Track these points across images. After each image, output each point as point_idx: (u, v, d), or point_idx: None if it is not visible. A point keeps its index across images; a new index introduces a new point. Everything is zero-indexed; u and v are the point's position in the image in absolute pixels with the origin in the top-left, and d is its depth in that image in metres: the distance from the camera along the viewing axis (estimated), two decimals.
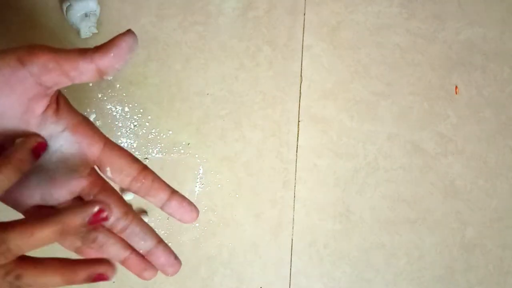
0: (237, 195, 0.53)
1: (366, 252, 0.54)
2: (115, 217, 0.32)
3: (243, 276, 0.52)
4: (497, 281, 0.55)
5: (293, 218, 0.53)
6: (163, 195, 0.32)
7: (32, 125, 0.29)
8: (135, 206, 0.51)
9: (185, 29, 0.54)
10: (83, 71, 0.27)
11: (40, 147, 0.29)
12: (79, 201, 0.32)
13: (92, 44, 0.53)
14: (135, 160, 0.32)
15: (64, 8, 0.52)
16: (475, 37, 0.58)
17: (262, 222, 0.53)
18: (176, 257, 0.33)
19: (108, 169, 0.31)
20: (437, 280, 0.54)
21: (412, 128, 0.56)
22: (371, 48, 0.57)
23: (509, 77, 0.58)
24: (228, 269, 0.52)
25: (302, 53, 0.56)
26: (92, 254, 0.32)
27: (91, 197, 0.31)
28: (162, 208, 0.32)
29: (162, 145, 0.53)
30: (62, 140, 0.30)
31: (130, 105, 0.53)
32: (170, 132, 0.53)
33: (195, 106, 0.54)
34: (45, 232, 0.26)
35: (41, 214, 0.28)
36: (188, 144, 0.53)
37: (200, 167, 0.53)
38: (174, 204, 0.32)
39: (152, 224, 0.51)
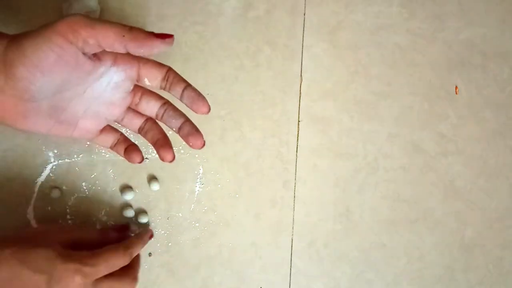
0: (237, 195, 0.53)
1: (366, 252, 0.54)
2: (156, 109, 0.42)
3: (243, 276, 0.52)
4: (497, 281, 0.55)
5: (293, 218, 0.53)
6: (179, 88, 0.40)
7: (85, 75, 0.36)
8: (134, 206, 0.51)
9: (185, 29, 0.54)
10: (117, 49, 0.33)
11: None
12: (129, 111, 0.42)
13: None
14: (160, 65, 0.39)
15: (64, 8, 0.52)
16: (475, 37, 0.58)
17: (262, 222, 0.53)
18: (197, 130, 0.42)
19: (146, 79, 0.39)
20: (437, 280, 0.54)
21: (412, 128, 0.56)
22: (371, 48, 0.57)
23: (509, 77, 0.58)
24: (228, 269, 0.52)
25: (302, 53, 0.56)
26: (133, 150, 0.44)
27: (138, 101, 0.41)
28: (180, 98, 0.40)
29: None
30: (111, 73, 0.38)
31: None
32: (170, 132, 0.53)
33: None
34: (121, 261, 0.41)
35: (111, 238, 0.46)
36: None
37: (200, 167, 0.53)
38: (187, 95, 0.40)
39: (152, 224, 0.51)
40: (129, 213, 0.50)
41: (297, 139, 0.55)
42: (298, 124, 0.55)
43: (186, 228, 0.52)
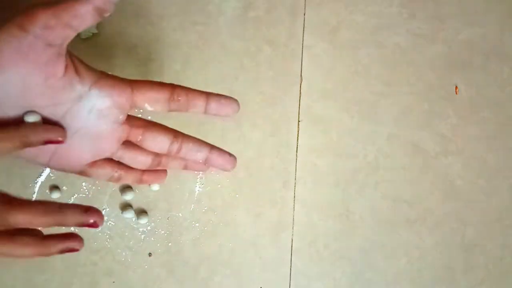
0: (237, 195, 0.53)
1: (366, 252, 0.54)
2: (167, 143, 0.35)
3: (243, 276, 0.52)
4: (497, 281, 0.55)
5: (293, 218, 0.53)
6: (200, 102, 0.35)
7: (58, 89, 0.30)
8: (134, 206, 0.51)
9: (185, 29, 0.54)
10: (83, 15, 0.27)
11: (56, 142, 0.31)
12: (130, 146, 0.35)
13: (92, 44, 0.53)
14: (163, 84, 0.34)
15: None
16: (475, 37, 0.58)
17: (262, 222, 0.53)
18: (230, 154, 0.37)
19: (146, 105, 0.33)
20: (437, 280, 0.54)
21: (412, 128, 0.56)
22: (371, 48, 0.57)
23: (509, 77, 0.58)
24: (228, 269, 0.52)
25: (302, 53, 0.56)
26: (155, 174, 0.38)
27: (140, 138, 0.34)
28: (206, 113, 0.35)
29: None
30: (93, 99, 0.31)
31: None
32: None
33: None
34: None
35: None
36: None
37: None
38: (214, 105, 0.35)
39: (152, 224, 0.51)
40: (129, 213, 0.50)
41: (297, 139, 0.55)
42: (298, 124, 0.55)
43: (186, 228, 0.52)
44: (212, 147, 0.37)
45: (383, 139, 0.55)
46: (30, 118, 0.29)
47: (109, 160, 0.36)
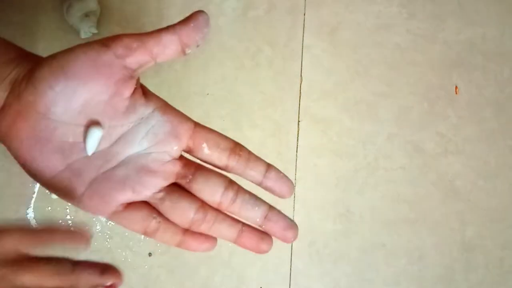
0: None
1: (366, 252, 0.54)
2: (220, 192, 0.30)
3: (243, 276, 0.52)
4: (497, 281, 0.55)
5: (293, 218, 0.53)
6: (261, 168, 0.31)
7: (120, 109, 0.28)
8: None
9: None
10: (167, 45, 0.27)
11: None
12: (174, 190, 0.30)
13: None
14: (225, 136, 0.32)
15: (64, 8, 0.52)
16: (475, 37, 0.58)
17: None
18: (291, 220, 0.32)
19: (204, 145, 0.30)
20: (437, 280, 0.54)
21: (412, 128, 0.56)
22: (371, 48, 0.57)
23: (509, 77, 0.58)
24: (228, 269, 0.52)
25: (302, 53, 0.56)
26: (200, 237, 0.32)
27: (188, 180, 0.30)
28: (261, 182, 0.31)
29: None
30: (153, 120, 0.29)
31: None
32: None
33: (195, 106, 0.54)
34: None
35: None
36: None
37: None
38: (273, 175, 0.32)
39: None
40: None
41: (297, 139, 0.55)
42: (298, 124, 0.55)
43: None
44: (270, 206, 0.32)
45: (383, 139, 0.55)
46: (94, 132, 0.28)
47: (147, 204, 0.30)
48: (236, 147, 0.31)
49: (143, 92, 0.29)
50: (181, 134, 0.30)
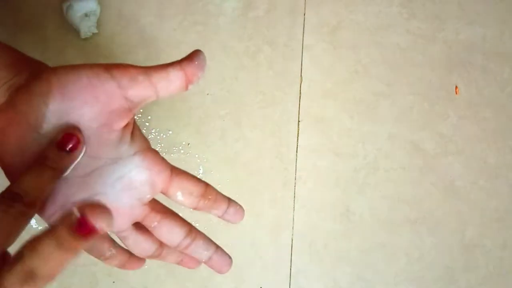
0: (237, 195, 0.53)
1: (366, 252, 0.54)
2: (181, 237, 0.33)
3: (243, 276, 0.52)
4: (497, 281, 0.55)
5: (293, 218, 0.53)
6: (224, 206, 0.34)
7: (104, 141, 0.28)
8: None
9: (185, 29, 0.54)
10: (173, 80, 0.27)
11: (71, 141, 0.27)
12: (139, 228, 0.32)
13: (92, 44, 0.53)
14: (198, 179, 0.33)
15: (64, 8, 0.52)
16: (475, 37, 0.58)
17: (262, 222, 0.53)
18: (229, 257, 0.36)
19: (179, 193, 0.32)
20: (437, 280, 0.54)
21: (412, 128, 0.56)
22: (371, 48, 0.57)
23: (509, 77, 0.58)
24: None
25: (302, 53, 0.56)
26: (138, 261, 0.34)
27: (155, 224, 0.32)
28: (221, 216, 0.34)
29: (162, 145, 0.53)
30: (132, 165, 0.29)
31: None
32: (170, 132, 0.53)
33: (195, 106, 0.54)
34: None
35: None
36: (188, 144, 0.53)
37: (200, 167, 0.53)
38: (232, 210, 0.35)
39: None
40: None
41: (297, 139, 0.55)
42: (298, 124, 0.55)
43: None
44: (217, 247, 0.35)
45: (383, 139, 0.55)
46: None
47: (107, 237, 0.33)
48: (206, 192, 0.33)
49: (133, 130, 0.29)
50: (157, 184, 0.30)
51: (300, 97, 0.55)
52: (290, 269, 0.53)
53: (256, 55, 0.55)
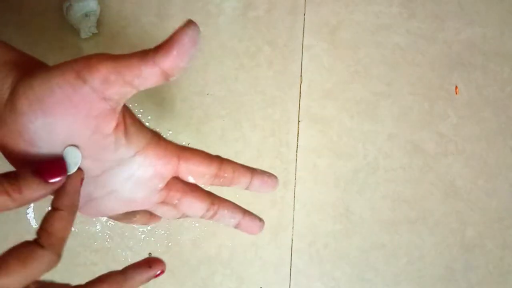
0: (237, 195, 0.53)
1: (366, 252, 0.54)
2: (203, 210, 0.33)
3: (243, 276, 0.52)
4: (497, 281, 0.55)
5: (293, 218, 0.53)
6: (245, 179, 0.34)
7: (102, 147, 0.27)
8: None
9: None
10: (147, 77, 0.25)
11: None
12: (164, 203, 0.32)
13: (92, 44, 0.53)
14: (212, 158, 0.32)
15: (64, 8, 0.52)
16: (475, 37, 0.58)
17: None
18: (260, 219, 0.36)
19: (190, 177, 0.32)
20: (437, 280, 0.54)
21: (412, 128, 0.56)
22: (371, 48, 0.57)
23: (509, 77, 0.58)
24: (228, 269, 0.52)
25: (302, 53, 0.56)
26: None
27: (176, 202, 0.32)
28: (247, 188, 0.34)
29: None
30: (135, 165, 0.29)
31: (130, 105, 0.53)
32: (170, 132, 0.53)
33: (195, 106, 0.54)
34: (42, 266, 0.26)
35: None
36: (188, 144, 0.53)
37: None
38: (257, 183, 0.35)
39: (152, 225, 0.51)
40: None
41: (297, 139, 0.55)
42: (298, 124, 0.55)
43: (186, 228, 0.52)
44: (245, 212, 0.35)
45: (383, 139, 0.55)
46: (70, 153, 0.27)
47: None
48: (220, 171, 0.32)
49: (126, 129, 0.28)
50: (165, 175, 0.31)
51: (300, 97, 0.55)
52: (290, 269, 0.53)
53: (256, 55, 0.55)
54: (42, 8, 0.53)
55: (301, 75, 0.55)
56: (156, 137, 0.30)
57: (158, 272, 0.29)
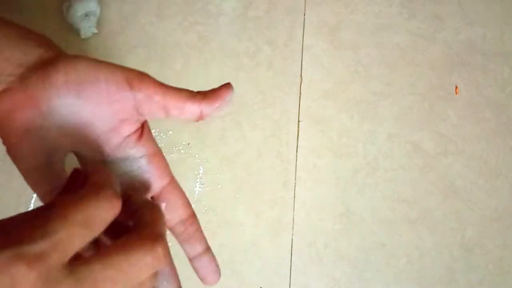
0: (237, 195, 0.53)
1: (366, 252, 0.54)
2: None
3: (243, 276, 0.52)
4: (497, 281, 0.55)
5: (293, 218, 0.53)
6: (199, 248, 0.33)
7: (112, 144, 0.28)
8: None
9: (185, 29, 0.54)
10: (186, 112, 0.28)
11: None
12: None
13: (92, 44, 0.53)
14: (188, 205, 0.33)
15: (64, 8, 0.52)
16: (475, 37, 0.58)
17: (262, 222, 0.53)
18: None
19: (163, 204, 0.32)
20: (437, 280, 0.54)
21: (412, 128, 0.56)
22: (371, 48, 0.57)
23: (509, 77, 0.58)
24: (228, 269, 0.52)
25: (302, 53, 0.56)
26: None
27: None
28: (191, 259, 0.34)
29: (162, 145, 0.53)
30: (136, 165, 0.30)
31: None
32: (170, 132, 0.53)
33: None
34: (107, 213, 0.23)
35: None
36: (188, 144, 0.53)
37: (200, 167, 0.53)
38: (205, 260, 0.34)
39: None
40: None
41: (297, 139, 0.55)
42: (298, 124, 0.55)
43: None
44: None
45: (383, 139, 0.55)
46: None
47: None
48: (188, 220, 0.32)
49: (142, 135, 0.29)
50: (153, 188, 0.31)
51: (300, 97, 0.55)
52: (290, 269, 0.53)
53: (256, 55, 0.55)
54: (42, 8, 0.53)
55: (301, 75, 0.55)
56: (161, 153, 0.32)
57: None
